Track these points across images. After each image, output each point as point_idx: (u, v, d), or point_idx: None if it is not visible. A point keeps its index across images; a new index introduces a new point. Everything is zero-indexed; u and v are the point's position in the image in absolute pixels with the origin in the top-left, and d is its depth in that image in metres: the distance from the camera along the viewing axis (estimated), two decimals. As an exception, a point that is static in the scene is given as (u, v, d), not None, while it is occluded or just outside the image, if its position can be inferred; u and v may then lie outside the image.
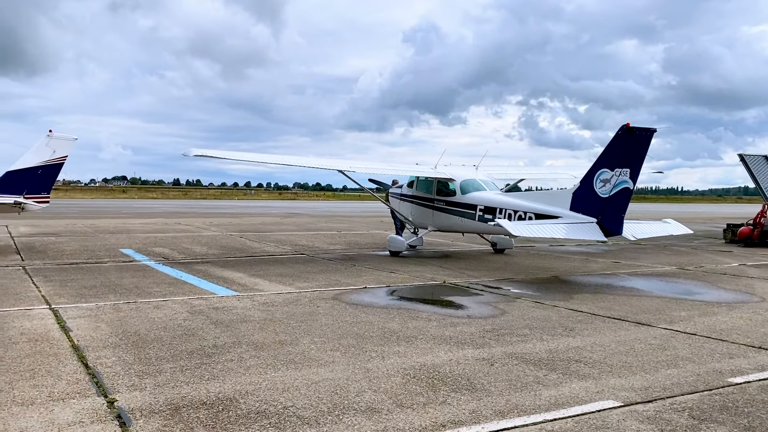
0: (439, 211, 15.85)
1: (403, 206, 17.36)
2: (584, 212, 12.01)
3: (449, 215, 15.47)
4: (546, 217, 12.43)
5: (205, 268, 12.96)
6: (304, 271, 12.83)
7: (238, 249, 17.16)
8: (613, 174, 11.54)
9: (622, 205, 11.74)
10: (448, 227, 15.96)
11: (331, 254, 16.36)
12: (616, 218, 11.76)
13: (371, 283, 11.31)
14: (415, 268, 13.57)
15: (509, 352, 6.54)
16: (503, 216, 13.49)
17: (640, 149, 11.49)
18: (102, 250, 16.20)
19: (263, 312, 8.37)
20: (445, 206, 15.61)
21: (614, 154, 11.57)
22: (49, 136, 16.25)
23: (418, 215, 16.79)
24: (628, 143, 11.37)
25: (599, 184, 11.69)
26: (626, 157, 11.45)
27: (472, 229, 15.47)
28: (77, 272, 12.04)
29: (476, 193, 14.87)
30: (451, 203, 15.39)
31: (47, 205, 16.49)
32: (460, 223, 15.26)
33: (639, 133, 11.37)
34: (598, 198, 11.78)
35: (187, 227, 25.07)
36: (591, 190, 11.89)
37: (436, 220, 16.07)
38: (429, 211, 16.26)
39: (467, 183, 15.29)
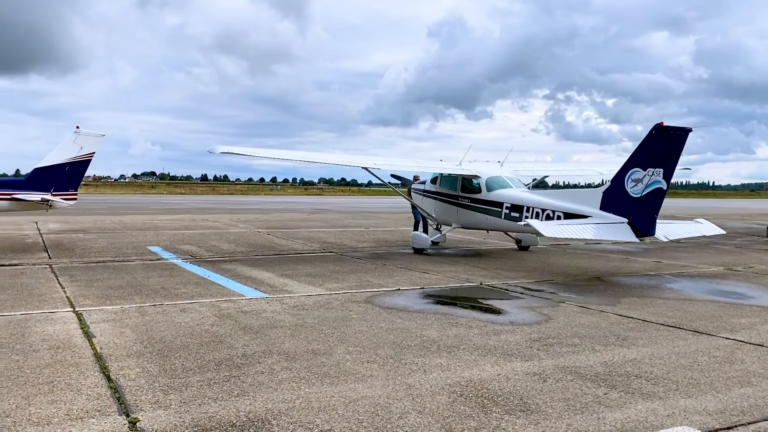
0: (464, 208, 15.61)
1: (426, 202, 17.13)
2: (615, 212, 11.70)
3: (474, 212, 15.24)
4: (575, 217, 12.12)
5: (233, 267, 12.63)
6: (334, 270, 12.41)
7: (266, 246, 16.83)
8: (646, 174, 11.24)
9: (655, 206, 11.45)
10: (472, 225, 15.72)
11: (360, 252, 15.93)
12: (649, 219, 11.45)
13: (404, 284, 10.83)
14: (449, 268, 13.05)
15: (561, 365, 6.01)
16: (530, 214, 13.22)
17: (675, 149, 11.20)
18: (129, 247, 16.01)
19: (294, 316, 7.95)
20: (470, 203, 15.38)
21: (647, 154, 11.25)
22: (77, 133, 16.08)
23: (441, 212, 16.53)
24: (661, 143, 11.05)
25: (631, 183, 11.43)
26: (660, 157, 11.15)
27: (497, 227, 15.16)
28: (104, 271, 11.80)
29: (502, 191, 14.60)
30: (476, 200, 15.16)
31: (74, 202, 16.35)
32: (486, 221, 14.98)
33: (673, 133, 11.05)
34: (629, 198, 11.47)
35: (215, 224, 24.90)
36: (622, 189, 11.58)
37: (461, 217, 15.83)
38: (453, 208, 16.01)
39: (493, 180, 15.01)
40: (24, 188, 15.53)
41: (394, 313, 8.31)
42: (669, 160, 11.27)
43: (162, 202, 49.60)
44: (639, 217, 11.44)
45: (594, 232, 11.53)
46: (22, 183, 15.65)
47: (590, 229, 11.58)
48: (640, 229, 11.44)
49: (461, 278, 11.70)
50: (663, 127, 10.93)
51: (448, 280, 11.39)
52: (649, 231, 11.50)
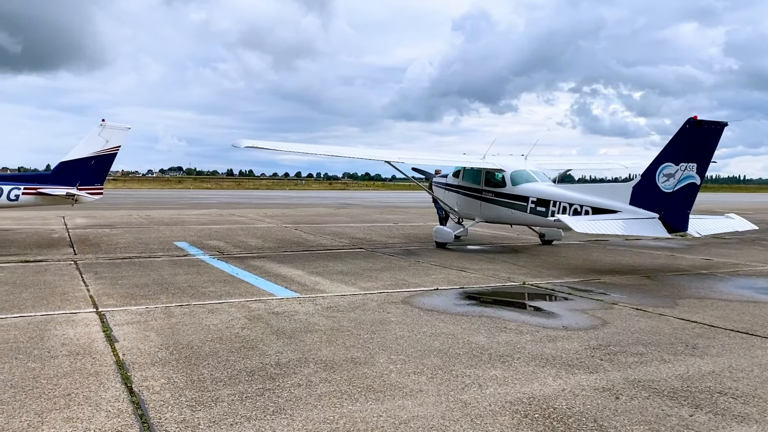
0: (488, 202, 15.38)
1: (448, 196, 16.93)
2: (645, 207, 11.46)
3: (499, 207, 15.01)
4: (604, 212, 11.86)
5: (262, 264, 12.15)
6: (366, 268, 11.85)
7: (295, 242, 16.35)
8: (678, 168, 11.00)
9: (688, 201, 11.24)
10: (496, 219, 15.49)
11: (391, 248, 15.35)
12: (681, 214, 11.23)
13: (442, 283, 10.22)
14: (487, 266, 12.40)
15: (631, 378, 5.35)
16: (557, 209, 12.97)
17: (709, 144, 10.97)
18: (156, 243, 15.66)
19: (329, 319, 7.40)
20: (494, 197, 15.16)
21: (679, 148, 10.98)
22: (102, 126, 15.77)
23: (464, 206, 16.34)
24: (695, 137, 10.82)
25: (662, 178, 11.21)
26: (693, 152, 10.91)
27: (523, 222, 14.91)
28: (129, 268, 11.40)
29: (528, 185, 14.35)
30: (500, 194, 14.92)
31: (101, 196, 16.05)
32: (510, 215, 14.74)
33: (707, 127, 10.78)
34: (660, 192, 11.24)
35: (241, 218, 24.55)
36: (653, 184, 11.35)
37: (484, 211, 15.61)
38: (476, 202, 15.79)
39: (518, 174, 14.77)
40: (49, 182, 15.27)
41: (435, 315, 7.71)
42: (703, 155, 10.96)
43: (188, 197, 49.64)
44: (671, 212, 11.15)
45: (624, 228, 11.26)
46: (47, 177, 15.39)
47: (620, 224, 11.31)
48: (672, 224, 11.18)
49: (502, 277, 11.04)
50: (697, 121, 10.59)
51: (488, 279, 10.75)
52: (681, 226, 11.23)
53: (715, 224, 12.62)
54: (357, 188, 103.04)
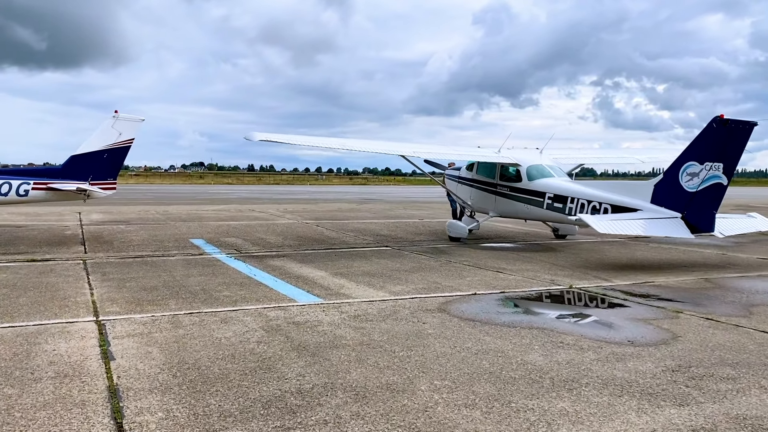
0: (503, 197, 15.08)
1: (462, 189, 16.68)
2: (667, 206, 11.16)
3: (514, 202, 14.70)
4: (623, 210, 11.55)
5: (282, 264, 11.29)
6: (394, 269, 10.92)
7: (316, 240, 15.48)
8: (702, 168, 10.68)
9: (714, 201, 10.94)
10: (511, 214, 15.19)
11: (419, 246, 14.40)
12: (706, 214, 10.92)
13: (479, 287, 9.24)
14: (525, 266, 11.39)
15: (734, 414, 4.34)
16: (575, 205, 12.68)
17: (737, 144, 10.63)
18: (171, 240, 14.90)
19: (357, 331, 6.48)
20: (509, 192, 14.86)
21: (705, 147, 10.65)
22: (115, 118, 15.02)
23: (478, 199, 16.06)
24: (721, 136, 10.47)
25: (686, 177, 10.91)
26: (719, 151, 10.57)
27: (539, 218, 14.62)
28: (140, 268, 10.61)
29: (544, 180, 14.04)
30: (516, 189, 14.63)
31: (114, 191, 15.33)
32: (526, 211, 14.41)
33: (735, 126, 10.44)
34: (683, 192, 10.93)
35: (261, 214, 23.77)
36: (676, 182, 11.02)
37: (499, 206, 15.28)
38: (491, 197, 15.49)
39: (534, 168, 14.45)
40: (60, 177, 14.57)
41: (478, 327, 6.75)
42: (730, 155, 10.61)
43: (208, 192, 49.18)
44: (694, 212, 10.84)
45: (645, 228, 10.94)
46: (58, 171, 14.69)
47: (641, 223, 11.01)
48: (696, 225, 10.88)
49: (544, 279, 10.03)
50: (723, 120, 10.26)
51: (530, 282, 9.74)
52: (707, 227, 10.93)
53: (738, 224, 12.21)
54: (378, 183, 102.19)
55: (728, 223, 11.95)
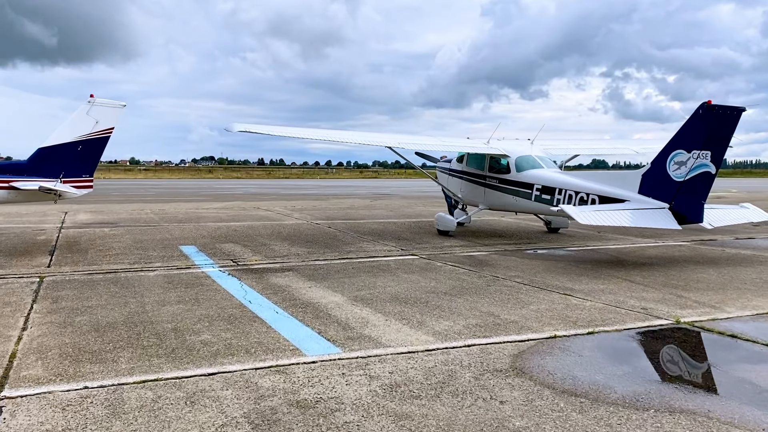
0: (492, 189, 14.82)
1: (452, 182, 16.46)
2: (655, 196, 10.85)
3: (502, 194, 14.46)
4: (611, 201, 11.28)
5: (286, 282, 8.93)
6: (429, 290, 8.52)
7: (328, 246, 13.09)
8: (690, 156, 10.41)
9: (702, 191, 10.61)
10: (500, 206, 14.90)
11: (451, 254, 11.98)
12: (694, 204, 10.62)
13: (553, 322, 6.81)
14: (596, 285, 8.95)
15: None
16: (563, 197, 12.38)
17: (725, 130, 10.37)
18: (158, 247, 12.58)
19: (398, 421, 4.07)
20: (498, 184, 14.62)
21: (692, 135, 10.40)
22: (90, 103, 12.68)
23: (468, 192, 15.85)
24: (709, 123, 10.19)
25: (673, 166, 10.60)
26: (707, 139, 10.27)
27: (527, 210, 14.36)
28: (106, 291, 8.29)
29: (532, 171, 13.75)
30: (504, 181, 14.37)
31: (89, 190, 13.01)
32: (515, 203, 14.15)
33: (722, 112, 10.18)
34: (671, 181, 10.63)
35: (267, 213, 21.42)
36: (663, 172, 10.72)
37: (488, 199, 15.04)
38: (480, 189, 15.27)
39: (523, 159, 14.18)
40: (26, 173, 12.27)
41: (587, 409, 4.32)
42: (718, 142, 10.35)
43: (214, 187, 46.99)
44: (683, 202, 10.56)
45: (631, 219, 10.65)
46: (22, 167, 12.37)
47: (627, 214, 10.71)
48: (685, 215, 10.58)
49: (632, 307, 7.57)
50: (710, 106, 10.08)
51: (617, 313, 7.28)
52: (695, 218, 10.68)
53: (729, 215, 11.88)
54: (389, 177, 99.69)
55: (718, 213, 11.55)
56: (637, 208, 10.81)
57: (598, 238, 15.11)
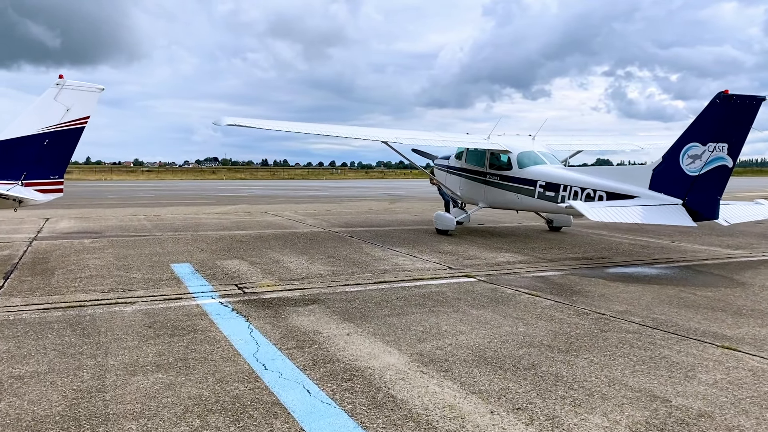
0: (492, 186, 14.42)
1: (450, 179, 15.98)
2: (667, 192, 10.41)
3: (503, 191, 14.08)
4: (620, 197, 10.90)
5: (313, 325, 6.34)
6: (524, 341, 5.92)
7: (357, 263, 10.50)
8: (705, 149, 9.81)
9: (718, 185, 10.02)
10: (501, 204, 14.46)
11: (514, 274, 9.40)
12: (710, 200, 10.06)
13: (756, 409, 4.19)
14: (758, 331, 6.31)
15: None
16: (568, 193, 12.08)
17: (743, 121, 9.64)
18: (144, 266, 10.02)
19: None
20: (499, 181, 14.21)
21: (707, 126, 9.76)
22: (59, 86, 10.14)
23: (467, 190, 15.37)
24: (725, 114, 9.52)
25: (687, 160, 10.09)
26: (723, 130, 9.63)
27: (530, 208, 13.89)
28: (56, 342, 5.72)
29: (535, 167, 13.40)
30: (506, 177, 13.98)
31: (60, 195, 10.45)
32: (517, 201, 13.75)
33: (740, 102, 9.43)
34: (685, 176, 10.15)
35: (276, 219, 18.82)
36: (676, 166, 10.23)
37: (489, 196, 14.61)
38: (480, 186, 14.81)
39: (525, 155, 13.80)
40: (-24, 174, 9.72)
41: None
42: (735, 134, 9.74)
43: (218, 188, 44.48)
44: (697, 198, 10.10)
45: (643, 215, 10.26)
46: (-28, 166, 9.81)
47: (639, 211, 10.32)
48: (699, 211, 10.12)
49: None
50: (728, 96, 9.47)
51: (839, 388, 4.65)
52: (710, 214, 10.16)
53: (745, 211, 11.38)
54: (395, 177, 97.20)
55: (734, 210, 11.07)
56: (648, 204, 10.34)
57: (666, 250, 12.48)
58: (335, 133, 13.57)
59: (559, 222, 15.87)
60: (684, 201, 10.18)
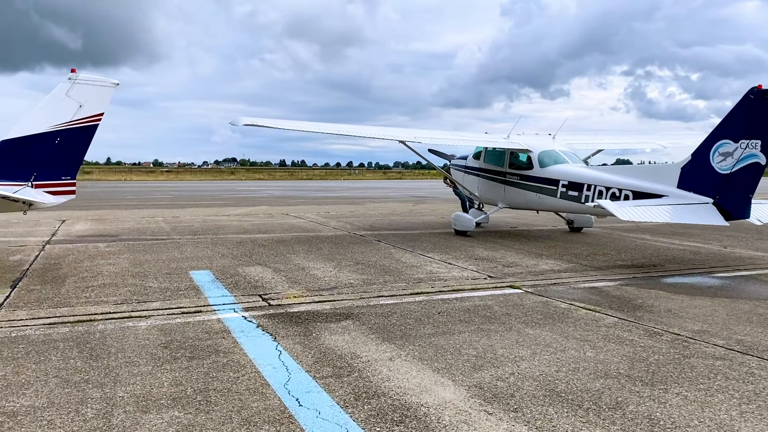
0: (512, 186, 14.16)
1: (468, 179, 15.72)
2: (696, 191, 10.03)
3: (524, 191, 13.79)
4: (646, 196, 10.47)
5: (349, 346, 5.58)
6: (597, 369, 5.10)
7: (388, 270, 9.71)
8: (737, 146, 9.49)
9: (750, 184, 9.61)
10: (522, 204, 14.15)
11: (566, 286, 8.55)
12: (741, 199, 9.67)
13: None
14: None
15: None
16: (592, 193, 11.77)
17: None
18: (161, 273, 9.34)
19: None
20: (519, 180, 13.95)
21: (740, 123, 9.43)
22: (72, 80, 9.48)
23: (486, 190, 15.14)
24: (759, 109, 9.17)
25: (718, 158, 9.75)
26: (757, 127, 9.30)
27: (552, 208, 13.61)
28: (59, 367, 5.03)
29: (557, 166, 13.13)
30: (526, 177, 13.70)
31: (72, 197, 9.80)
32: (538, 201, 13.45)
33: None
34: (715, 174, 9.79)
35: (298, 221, 18.11)
36: (707, 164, 9.88)
37: (508, 196, 14.35)
38: (500, 186, 14.56)
39: (546, 155, 13.52)
40: (-17, 175, 9.08)
41: None
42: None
43: (237, 189, 43.99)
44: (728, 196, 9.67)
45: (672, 214, 9.89)
46: (-21, 167, 9.18)
47: (668, 210, 9.94)
48: (729, 210, 9.67)
49: None
50: (761, 90, 9.04)
51: None
52: (741, 213, 9.69)
53: None
54: (413, 177, 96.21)
55: (766, 208, 10.57)
56: (677, 203, 10.06)
57: (720, 257, 11.52)
58: (353, 133, 13.43)
59: (580, 222, 15.53)
60: (714, 200, 9.86)
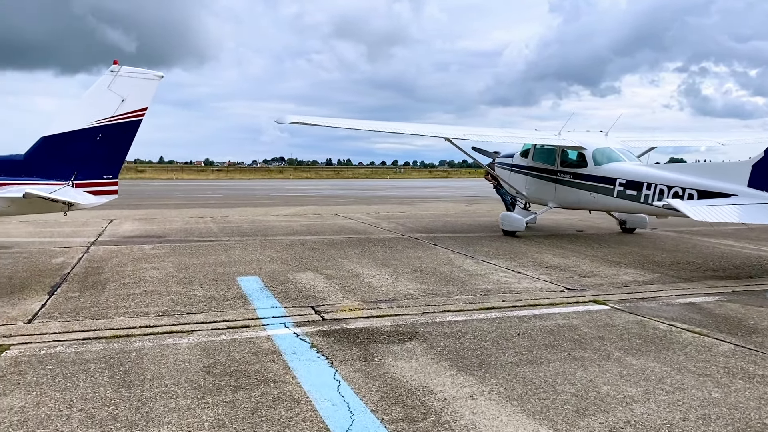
0: (564, 185, 13.69)
1: (515, 178, 15.25)
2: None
3: (577, 190, 13.32)
4: (713, 195, 9.87)
5: (419, 377, 4.71)
6: (719, 409, 4.09)
7: (450, 279, 8.79)
8: None
9: None
10: (574, 204, 13.71)
11: (657, 301, 7.47)
12: None
13: None
14: None
15: None
16: (652, 192, 11.14)
17: None
18: (207, 279, 8.68)
19: None
20: (571, 179, 13.47)
21: None
22: (114, 73, 8.90)
23: (534, 189, 14.66)
24: None
25: None
26: None
27: (608, 207, 13.15)
28: (85, 395, 4.33)
29: (614, 164, 12.63)
30: (580, 176, 13.22)
31: (114, 197, 9.23)
32: (592, 200, 12.98)
33: None
34: None
35: (348, 222, 17.35)
36: None
37: (560, 195, 13.90)
38: (550, 185, 14.10)
39: (600, 152, 13.04)
40: (23, 173, 8.60)
41: None
42: None
43: (285, 188, 43.72)
44: None
45: (742, 214, 9.30)
46: (18, 165, 8.69)
47: (741, 210, 9.33)
48: None
49: None
50: None
51: None
52: None
53: None
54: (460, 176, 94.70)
55: None
56: (749, 202, 9.46)
57: None
58: (398, 130, 13.31)
59: (633, 223, 14.97)
60: None
